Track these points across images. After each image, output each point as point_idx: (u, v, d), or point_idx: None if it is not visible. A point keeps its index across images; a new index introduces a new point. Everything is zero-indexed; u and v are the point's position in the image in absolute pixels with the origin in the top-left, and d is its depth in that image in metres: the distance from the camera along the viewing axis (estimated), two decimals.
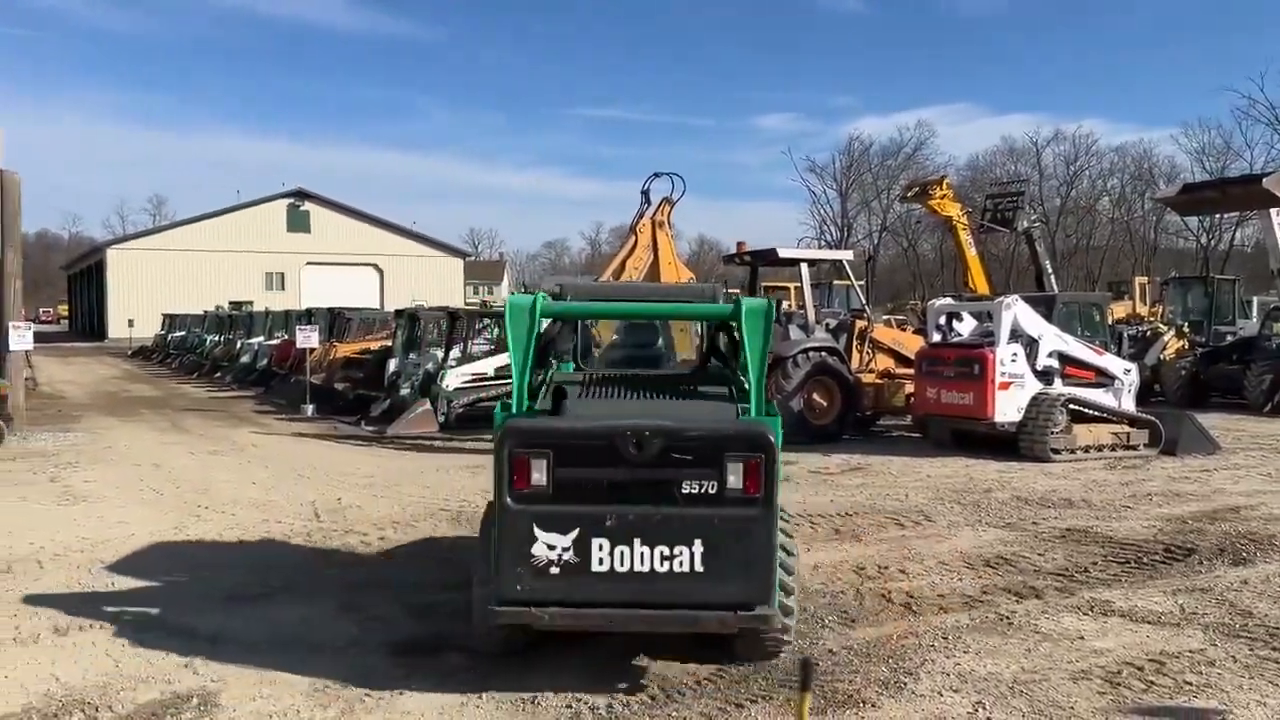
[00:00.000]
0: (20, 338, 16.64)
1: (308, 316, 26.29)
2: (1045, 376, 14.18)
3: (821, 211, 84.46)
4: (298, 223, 63.62)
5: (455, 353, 17.86)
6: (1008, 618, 6.68)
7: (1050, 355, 14.26)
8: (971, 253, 28.17)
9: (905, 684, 5.48)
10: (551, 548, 5.16)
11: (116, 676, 5.51)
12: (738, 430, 5.29)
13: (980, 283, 27.95)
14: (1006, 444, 13.94)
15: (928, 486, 11.72)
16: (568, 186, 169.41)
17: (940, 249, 75.24)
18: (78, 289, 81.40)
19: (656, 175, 16.10)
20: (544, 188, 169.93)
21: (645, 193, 16.08)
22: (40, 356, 34.82)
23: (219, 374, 30.99)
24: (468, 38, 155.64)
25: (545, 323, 5.92)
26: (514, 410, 5.47)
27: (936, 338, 15.36)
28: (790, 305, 25.25)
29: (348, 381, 20.83)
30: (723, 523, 5.14)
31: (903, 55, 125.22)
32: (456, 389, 17.06)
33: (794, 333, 15.94)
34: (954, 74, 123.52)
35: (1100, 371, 14.68)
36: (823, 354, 15.57)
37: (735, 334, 5.81)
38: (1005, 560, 8.23)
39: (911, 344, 17.02)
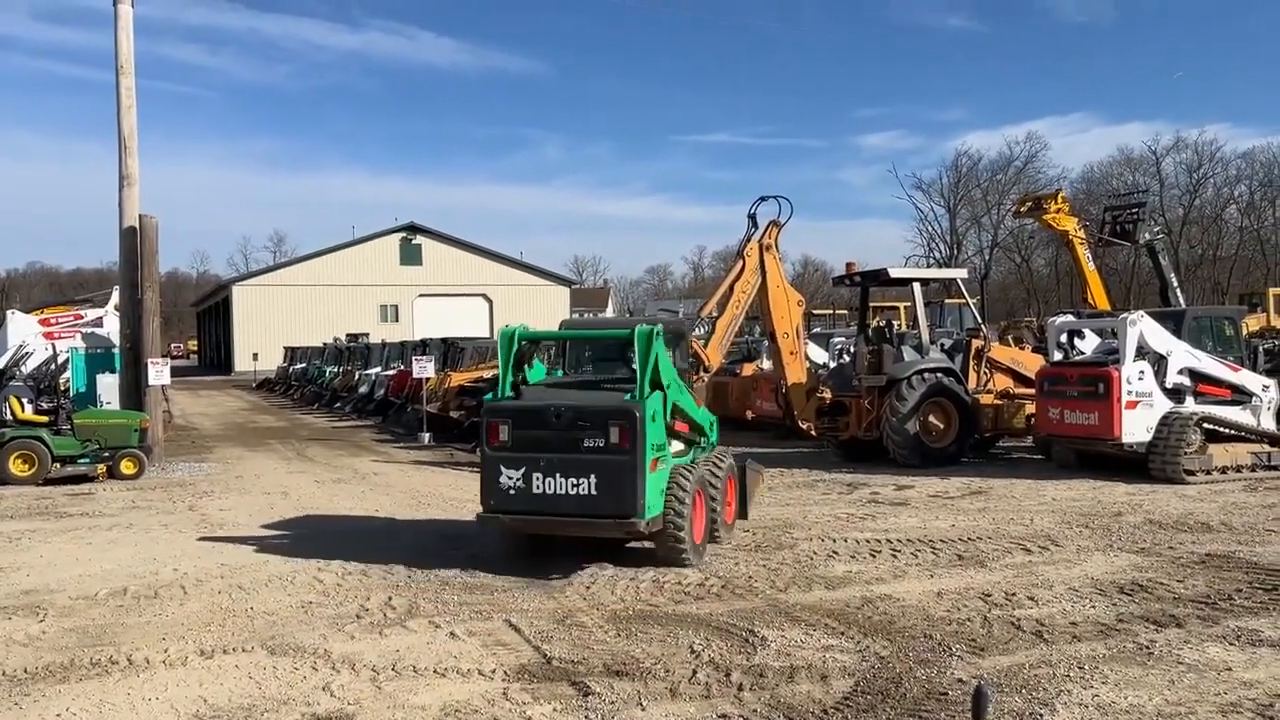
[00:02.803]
0: (158, 373, 17.55)
1: (423, 347, 27.01)
2: (1176, 395, 13.63)
3: (929, 229, 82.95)
4: (410, 256, 65.55)
5: None
6: (1147, 647, 6.40)
7: (1180, 372, 13.70)
8: (1090, 267, 27.30)
9: (1041, 715, 5.30)
10: (514, 477, 8.41)
11: (260, 698, 5.74)
12: (615, 407, 8.30)
13: (1100, 298, 27.04)
14: (1135, 465, 13.42)
15: (1053, 510, 11.35)
16: (672, 213, 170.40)
17: (1055, 264, 72.92)
18: (206, 325, 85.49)
19: (763, 199, 16.10)
20: (649, 214, 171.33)
21: (752, 216, 16.08)
22: (173, 390, 36.61)
23: (339, 404, 32.09)
24: (578, 71, 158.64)
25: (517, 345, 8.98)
26: (495, 396, 8.77)
27: (1058, 356, 14.90)
28: (901, 325, 24.86)
29: (462, 410, 21.28)
30: (607, 464, 8.16)
31: (1010, 68, 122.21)
32: None
33: (908, 354, 15.68)
34: (1064, 84, 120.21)
35: (1236, 388, 14.03)
36: (938, 375, 15.27)
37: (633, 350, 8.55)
38: (1141, 587, 7.89)
39: (1031, 363, 16.56)
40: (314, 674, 6.15)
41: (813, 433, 16.36)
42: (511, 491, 8.44)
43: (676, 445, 9.51)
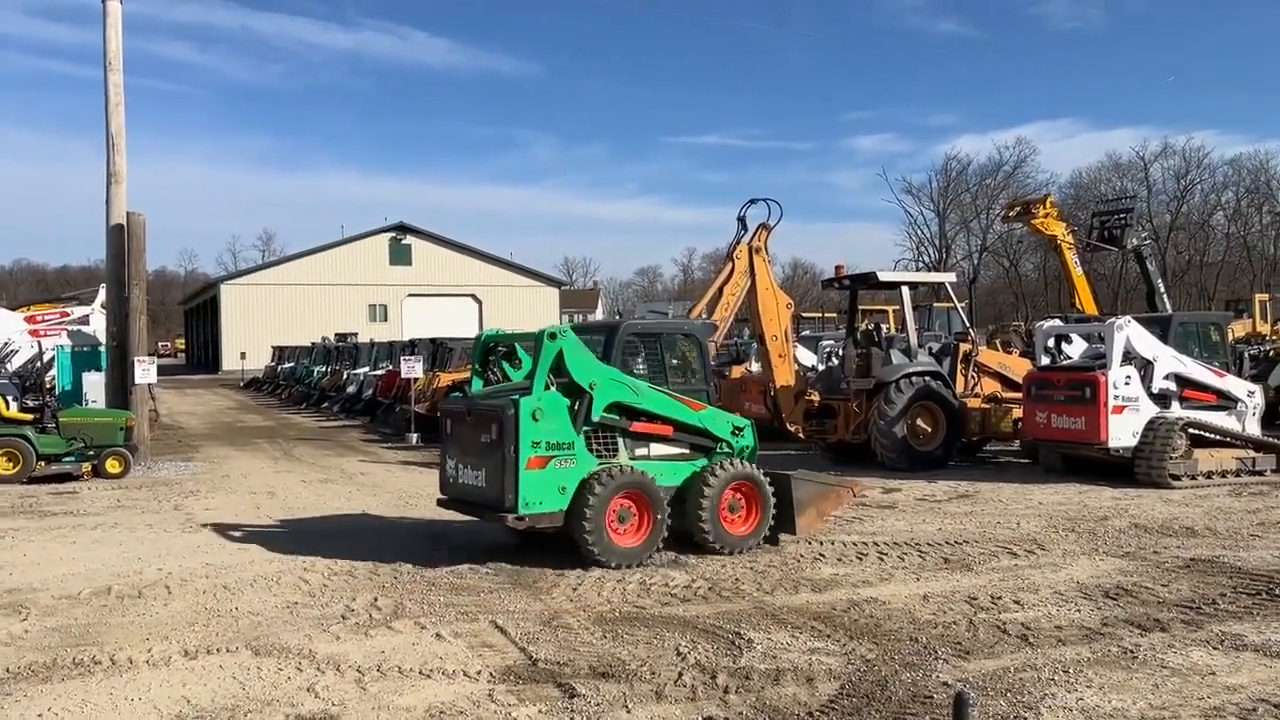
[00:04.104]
0: (145, 371, 17.46)
1: (411, 347, 26.93)
2: (1162, 400, 13.69)
3: (919, 232, 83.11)
4: (399, 256, 65.39)
5: None
6: (1131, 651, 6.42)
7: (1167, 377, 13.77)
8: (1078, 272, 27.41)
9: (1026, 719, 5.31)
10: (449, 467, 9.48)
11: (244, 699, 5.71)
12: (493, 406, 8.82)
13: (1088, 303, 27.15)
14: (1121, 470, 13.48)
15: (1039, 514, 11.39)
16: (663, 214, 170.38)
17: (1044, 269, 73.20)
18: (194, 323, 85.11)
19: (753, 201, 16.09)
20: (640, 216, 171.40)
21: (742, 219, 16.08)
22: (160, 389, 36.42)
23: (326, 404, 31.97)
24: (570, 72, 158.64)
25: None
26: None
27: (1045, 360, 14.96)
28: (889, 329, 24.91)
29: None
30: (490, 458, 8.75)
31: (1001, 72, 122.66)
32: None
33: (896, 357, 15.71)
34: (1055, 90, 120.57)
35: (1222, 394, 14.10)
36: (926, 379, 15.31)
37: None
38: (1126, 591, 7.93)
39: (1018, 367, 16.61)
40: (298, 674, 6.13)
41: (801, 435, 16.37)
42: (450, 480, 9.52)
43: (661, 448, 9.45)
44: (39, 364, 17.52)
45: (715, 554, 9.31)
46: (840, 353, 17.71)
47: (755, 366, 20.37)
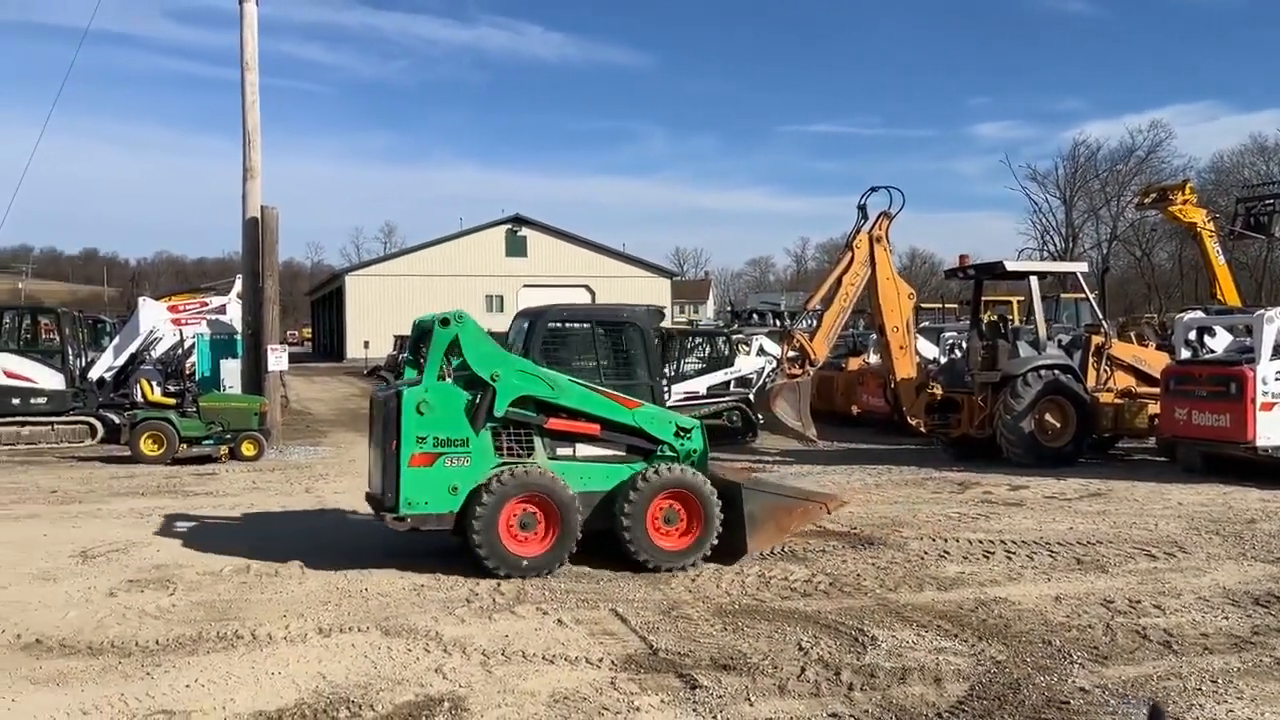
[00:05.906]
0: (277, 359, 18.17)
1: None
2: None
3: (1043, 221, 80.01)
4: (515, 247, 66.45)
5: (668, 372, 18.10)
6: None
7: None
8: (1220, 262, 25.96)
9: None
10: (370, 460, 8.95)
11: (375, 677, 5.88)
12: (385, 397, 8.41)
13: (1230, 294, 25.71)
14: (1269, 471, 12.75)
15: (1179, 515, 10.85)
16: (776, 204, 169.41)
17: (1179, 258, 69.64)
18: (320, 313, 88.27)
19: (874, 189, 15.76)
20: (752, 206, 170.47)
21: (862, 207, 15.76)
22: (289, 376, 37.86)
23: None
24: (682, 65, 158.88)
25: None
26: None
27: (1186, 354, 14.26)
28: (1015, 320, 24.09)
29: None
30: (387, 453, 8.20)
31: (1133, 54, 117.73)
32: (670, 407, 17.24)
33: (1024, 349, 15.20)
34: (1192, 71, 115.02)
35: None
36: (1055, 372, 14.77)
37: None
38: (1278, 599, 7.48)
39: (1155, 360, 15.86)
40: (426, 655, 6.28)
41: (922, 429, 16.00)
42: (371, 474, 8.97)
43: (589, 449, 8.61)
44: (180, 351, 18.40)
45: (643, 569, 8.37)
46: (964, 345, 17.23)
47: (874, 358, 19.99)
